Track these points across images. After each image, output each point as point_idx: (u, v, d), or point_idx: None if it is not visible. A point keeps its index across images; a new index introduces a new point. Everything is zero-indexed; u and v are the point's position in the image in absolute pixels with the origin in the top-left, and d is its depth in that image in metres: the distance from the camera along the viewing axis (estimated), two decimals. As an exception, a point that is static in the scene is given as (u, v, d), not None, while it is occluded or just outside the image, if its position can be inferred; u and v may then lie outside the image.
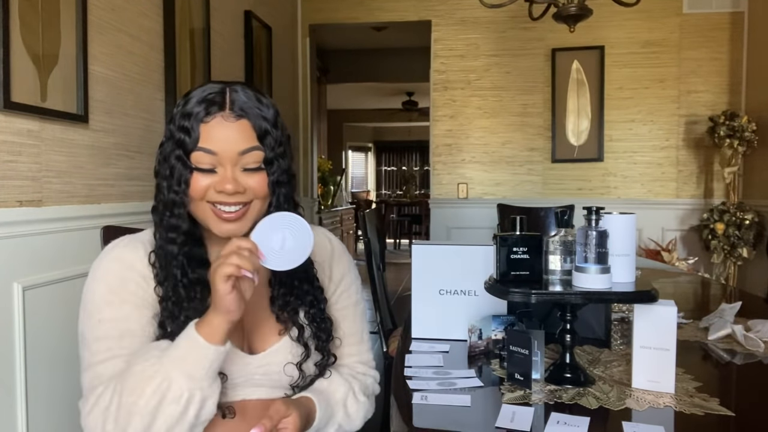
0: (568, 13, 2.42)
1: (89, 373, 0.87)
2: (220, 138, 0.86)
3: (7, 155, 1.46)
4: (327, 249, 1.06)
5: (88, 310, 0.89)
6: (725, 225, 3.63)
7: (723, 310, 1.41)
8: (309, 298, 0.97)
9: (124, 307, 0.87)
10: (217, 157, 0.86)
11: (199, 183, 0.87)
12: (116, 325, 0.87)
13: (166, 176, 0.89)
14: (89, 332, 0.88)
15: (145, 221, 0.90)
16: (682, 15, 3.91)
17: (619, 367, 1.11)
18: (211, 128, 0.86)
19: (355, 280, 1.09)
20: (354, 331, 1.07)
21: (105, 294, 0.88)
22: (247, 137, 0.87)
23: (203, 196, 0.87)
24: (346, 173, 10.20)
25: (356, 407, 1.01)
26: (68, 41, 1.68)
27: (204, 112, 0.86)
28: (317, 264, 1.01)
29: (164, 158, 0.89)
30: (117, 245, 0.93)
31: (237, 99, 0.88)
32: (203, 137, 0.86)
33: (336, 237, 1.11)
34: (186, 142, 0.86)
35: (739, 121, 3.57)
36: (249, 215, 0.89)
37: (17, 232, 1.47)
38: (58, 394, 1.59)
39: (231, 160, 0.86)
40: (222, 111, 0.87)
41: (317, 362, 0.97)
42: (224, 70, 2.84)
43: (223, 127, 0.86)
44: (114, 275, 0.89)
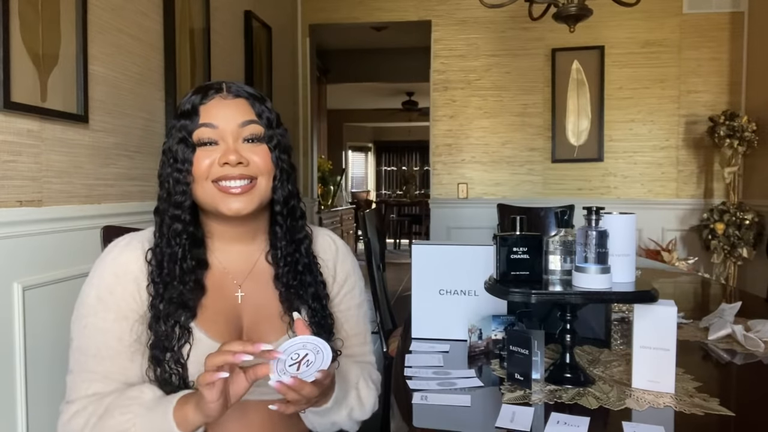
0: (568, 13, 2.42)
1: (69, 379, 0.90)
2: (220, 114, 0.90)
3: (7, 155, 1.46)
4: (332, 249, 1.06)
5: (78, 313, 0.90)
6: (725, 225, 3.63)
7: (723, 310, 1.41)
8: (311, 290, 0.97)
9: (107, 318, 0.88)
10: (218, 131, 0.89)
11: (202, 160, 0.89)
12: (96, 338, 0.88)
13: (170, 164, 0.90)
14: (75, 335, 0.90)
15: (145, 221, 0.90)
16: (682, 15, 3.90)
17: (619, 367, 1.11)
18: (211, 107, 0.90)
19: (359, 282, 1.09)
20: (357, 332, 1.06)
21: (93, 301, 0.89)
22: (245, 112, 0.91)
23: (207, 175, 0.88)
24: (346, 173, 10.20)
25: (367, 392, 1.00)
26: (68, 41, 1.68)
27: (202, 96, 0.91)
28: (321, 261, 1.01)
29: (167, 150, 0.91)
30: (117, 244, 0.93)
31: (232, 85, 0.93)
32: (203, 116, 0.90)
33: (340, 238, 1.10)
34: (187, 125, 0.89)
35: (739, 121, 3.57)
36: (255, 191, 0.90)
37: (17, 232, 1.47)
38: (58, 394, 1.58)
39: (232, 133, 0.89)
40: (220, 93, 0.91)
41: None
42: (224, 70, 2.84)
43: (222, 105, 0.90)
44: (105, 283, 0.90)
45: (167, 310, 0.87)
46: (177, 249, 0.89)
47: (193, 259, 0.91)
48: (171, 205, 0.90)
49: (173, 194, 0.90)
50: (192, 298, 0.89)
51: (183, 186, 0.89)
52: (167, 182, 0.91)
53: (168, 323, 0.87)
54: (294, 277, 0.96)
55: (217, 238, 0.95)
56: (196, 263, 0.91)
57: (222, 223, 0.93)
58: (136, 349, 0.88)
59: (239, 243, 0.96)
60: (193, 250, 0.91)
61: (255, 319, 0.95)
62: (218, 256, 0.95)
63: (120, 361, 0.88)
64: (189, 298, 0.89)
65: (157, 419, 0.80)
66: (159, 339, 0.87)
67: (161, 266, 0.89)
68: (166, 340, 0.87)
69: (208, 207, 0.91)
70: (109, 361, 0.87)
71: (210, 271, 0.94)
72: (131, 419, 0.81)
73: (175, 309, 0.88)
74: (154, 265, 0.90)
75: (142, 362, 0.88)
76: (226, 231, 0.94)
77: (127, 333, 0.88)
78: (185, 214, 0.90)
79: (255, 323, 0.95)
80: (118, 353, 0.88)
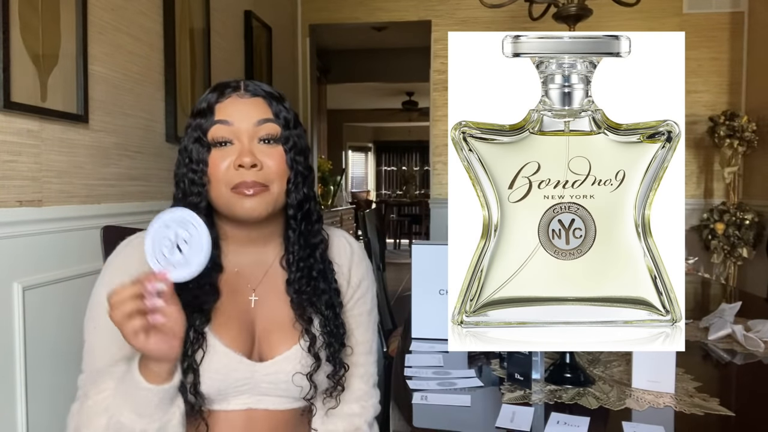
0: (568, 13, 2.42)
1: (80, 378, 0.88)
2: (235, 111, 0.88)
3: (7, 155, 1.46)
4: (347, 251, 1.02)
5: (91, 313, 0.89)
6: (725, 225, 3.63)
7: (723, 310, 1.41)
8: (325, 297, 0.94)
9: None
10: (233, 129, 0.87)
11: (218, 162, 0.87)
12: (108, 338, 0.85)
13: (185, 163, 0.88)
14: (87, 337, 0.89)
15: (146, 221, 0.90)
16: (682, 15, 3.91)
17: (619, 367, 1.11)
18: (227, 105, 0.88)
19: (372, 287, 1.05)
20: (365, 340, 1.02)
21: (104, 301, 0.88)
22: (262, 111, 0.89)
23: (224, 180, 0.86)
24: (346, 173, 10.20)
25: None
26: (68, 41, 1.68)
27: (219, 94, 0.89)
28: (336, 266, 0.98)
29: (183, 149, 0.89)
30: (129, 243, 0.92)
31: (250, 83, 0.91)
32: (218, 114, 0.88)
33: (356, 241, 1.07)
34: (202, 124, 0.88)
35: (739, 121, 3.57)
36: (269, 195, 0.87)
37: (17, 232, 1.47)
38: (58, 394, 1.59)
39: (247, 132, 0.87)
40: (237, 91, 0.90)
41: (329, 374, 0.93)
42: (224, 70, 2.84)
43: (238, 103, 0.89)
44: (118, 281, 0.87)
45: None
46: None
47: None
48: (186, 206, 0.89)
49: (188, 195, 0.88)
50: (206, 302, 0.87)
51: (198, 187, 0.87)
52: (182, 182, 0.89)
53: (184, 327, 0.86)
54: (307, 283, 0.93)
55: (231, 240, 0.93)
56: (211, 266, 0.90)
57: (236, 226, 0.92)
58: None
59: (253, 246, 0.94)
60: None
61: (267, 326, 0.93)
62: (232, 259, 0.93)
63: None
64: (203, 301, 0.87)
65: (129, 383, 0.78)
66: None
67: None
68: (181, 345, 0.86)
69: (223, 211, 0.89)
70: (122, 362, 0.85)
71: (224, 274, 0.92)
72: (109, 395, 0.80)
73: (190, 312, 0.84)
74: None
75: None
76: (240, 234, 0.93)
77: None
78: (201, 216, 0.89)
79: (267, 331, 0.93)
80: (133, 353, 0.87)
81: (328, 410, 0.97)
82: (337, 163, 9.53)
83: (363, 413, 1.00)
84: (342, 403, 0.98)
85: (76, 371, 0.91)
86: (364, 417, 1.00)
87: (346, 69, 6.90)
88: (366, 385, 1.02)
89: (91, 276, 0.95)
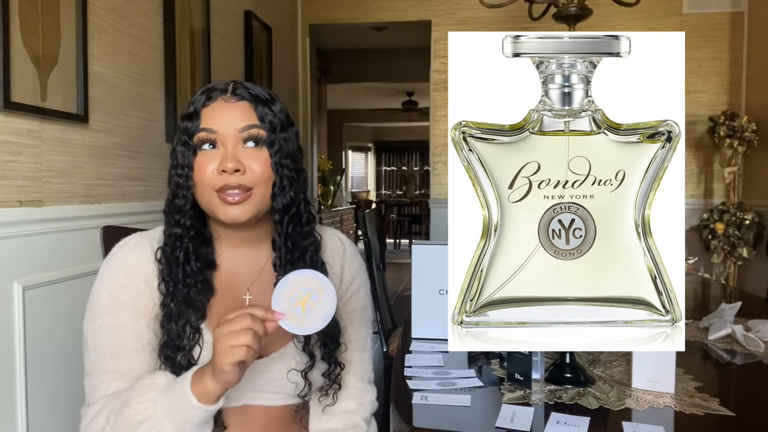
0: (568, 13, 2.42)
1: (88, 382, 0.88)
2: (220, 118, 0.88)
3: (7, 155, 1.46)
4: (339, 249, 1.03)
5: (91, 314, 0.89)
6: (725, 225, 3.63)
7: (723, 310, 1.41)
8: None
9: (123, 317, 0.88)
10: (218, 135, 0.87)
11: (204, 165, 0.87)
12: (113, 337, 0.87)
13: (173, 166, 0.90)
14: (90, 338, 0.89)
15: (145, 221, 0.90)
16: (682, 15, 3.90)
17: (619, 367, 1.11)
18: (213, 111, 0.88)
19: (365, 284, 1.06)
20: (358, 337, 1.04)
21: (106, 301, 0.89)
22: (247, 116, 0.88)
23: (209, 183, 0.87)
24: (346, 173, 10.20)
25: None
26: (68, 41, 1.68)
27: (206, 98, 0.89)
28: (329, 266, 0.99)
29: (172, 151, 0.90)
30: (125, 245, 0.93)
31: (239, 86, 0.91)
32: (204, 120, 0.88)
33: (347, 238, 1.08)
34: (189, 128, 0.88)
35: (739, 121, 3.57)
36: (252, 200, 0.88)
37: (17, 232, 1.47)
38: (59, 395, 1.59)
39: (232, 137, 0.87)
40: (224, 95, 0.89)
41: (324, 372, 0.95)
42: (224, 70, 2.84)
43: (223, 108, 0.88)
44: (117, 282, 0.89)
45: (179, 309, 0.87)
46: (179, 253, 0.89)
47: (200, 259, 0.90)
48: (173, 208, 0.90)
49: (176, 197, 0.89)
50: (200, 300, 0.89)
51: (183, 190, 0.89)
52: (171, 184, 0.90)
53: (179, 323, 0.87)
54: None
55: (223, 240, 0.94)
56: (204, 264, 0.91)
57: (226, 228, 0.92)
58: (155, 347, 0.88)
59: (246, 247, 0.95)
60: (200, 249, 0.91)
61: None
62: (226, 258, 0.94)
63: (141, 357, 0.87)
64: (197, 299, 0.89)
65: (176, 398, 0.80)
66: (171, 338, 0.87)
67: (170, 265, 0.89)
68: (178, 340, 0.87)
69: (209, 213, 0.90)
70: (127, 358, 0.87)
71: (218, 272, 0.93)
72: (150, 406, 0.81)
73: (186, 308, 0.87)
74: (164, 263, 0.89)
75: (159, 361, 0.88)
76: (231, 235, 0.94)
77: (145, 330, 0.88)
78: (185, 218, 0.89)
79: None
80: (137, 351, 0.87)
81: (325, 408, 0.98)
82: (337, 163, 9.53)
83: (360, 410, 1.01)
84: (338, 400, 0.99)
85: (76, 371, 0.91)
86: (360, 414, 1.01)
87: (345, 69, 6.90)
88: (361, 382, 1.03)
89: (91, 276, 0.95)
